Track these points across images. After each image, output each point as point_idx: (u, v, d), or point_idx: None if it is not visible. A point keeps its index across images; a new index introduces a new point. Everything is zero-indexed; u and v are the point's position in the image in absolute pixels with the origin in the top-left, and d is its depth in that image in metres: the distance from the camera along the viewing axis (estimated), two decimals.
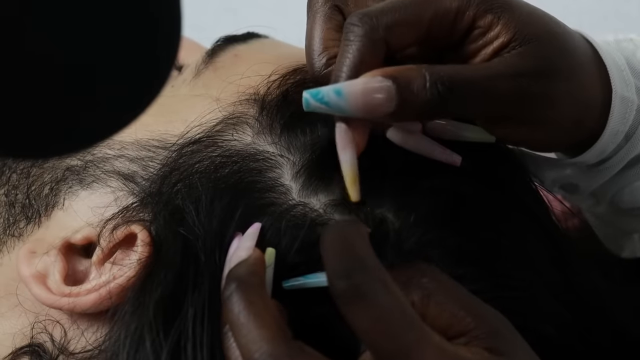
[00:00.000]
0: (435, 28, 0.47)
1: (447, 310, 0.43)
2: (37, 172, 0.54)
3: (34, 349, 0.50)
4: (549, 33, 0.48)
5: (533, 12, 0.49)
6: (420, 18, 0.46)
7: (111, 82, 0.34)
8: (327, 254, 0.41)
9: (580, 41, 0.51)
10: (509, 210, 0.51)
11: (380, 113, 0.44)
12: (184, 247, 0.47)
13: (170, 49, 0.35)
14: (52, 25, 0.32)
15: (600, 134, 0.51)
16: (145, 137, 0.52)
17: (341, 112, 0.45)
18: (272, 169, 0.49)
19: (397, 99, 0.44)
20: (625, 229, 0.59)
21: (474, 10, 0.47)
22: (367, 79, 0.44)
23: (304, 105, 0.45)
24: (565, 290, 0.51)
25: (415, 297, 0.43)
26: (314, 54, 0.49)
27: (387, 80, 0.44)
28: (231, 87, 0.53)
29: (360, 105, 0.44)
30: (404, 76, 0.45)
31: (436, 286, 0.44)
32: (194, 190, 0.49)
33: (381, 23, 0.46)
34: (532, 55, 0.47)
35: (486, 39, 0.48)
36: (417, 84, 0.44)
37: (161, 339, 0.45)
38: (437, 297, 0.43)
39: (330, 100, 0.44)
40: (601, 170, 0.53)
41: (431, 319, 0.43)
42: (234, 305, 0.42)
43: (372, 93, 0.44)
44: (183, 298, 0.46)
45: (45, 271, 0.50)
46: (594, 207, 0.58)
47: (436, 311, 0.43)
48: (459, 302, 0.43)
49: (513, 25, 0.47)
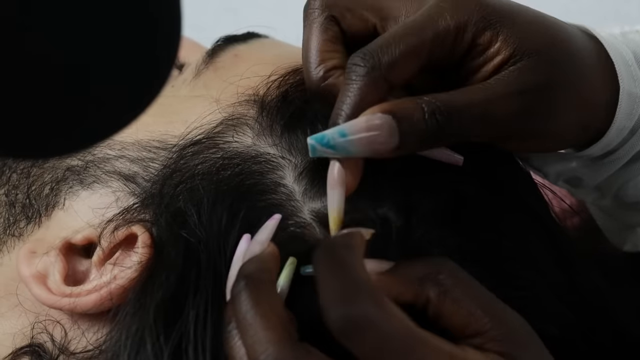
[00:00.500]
0: (436, 52, 0.47)
1: (464, 308, 0.43)
2: (37, 172, 0.54)
3: (34, 349, 0.50)
4: (550, 43, 0.48)
5: (533, 22, 0.48)
6: (421, 47, 0.46)
7: (111, 82, 0.34)
8: (320, 282, 0.41)
9: (584, 42, 0.50)
10: (510, 211, 0.51)
11: (384, 149, 0.45)
12: (186, 250, 0.47)
13: (170, 49, 0.35)
14: (51, 25, 0.32)
15: (605, 130, 0.51)
16: (146, 138, 0.52)
17: (347, 153, 0.45)
18: (273, 171, 0.49)
19: (399, 133, 0.44)
20: (629, 222, 0.59)
21: (472, 29, 0.47)
22: (367, 116, 0.45)
23: (310, 152, 0.45)
24: (569, 290, 0.51)
25: (432, 294, 0.43)
26: (311, 66, 0.49)
27: (386, 117, 0.44)
28: (231, 87, 0.53)
29: (364, 144, 0.44)
30: (402, 110, 0.45)
31: (453, 283, 0.44)
32: (195, 193, 0.49)
33: (383, 62, 0.45)
34: (533, 70, 0.47)
35: (486, 56, 0.47)
36: (416, 117, 0.45)
37: (162, 341, 0.45)
38: (453, 294, 0.43)
39: (337, 143, 0.45)
40: (606, 164, 0.53)
41: (447, 316, 0.43)
42: (241, 304, 0.42)
43: (374, 130, 0.44)
44: (184, 300, 0.46)
45: (45, 271, 0.50)
46: (598, 201, 0.57)
47: (452, 309, 0.43)
48: (476, 301, 0.43)
49: (512, 41, 0.47)
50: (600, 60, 0.50)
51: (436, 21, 0.47)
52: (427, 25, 0.47)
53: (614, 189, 0.55)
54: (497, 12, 0.47)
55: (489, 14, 0.47)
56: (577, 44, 0.49)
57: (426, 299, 0.43)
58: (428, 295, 0.43)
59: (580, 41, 0.50)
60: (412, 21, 0.47)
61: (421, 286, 0.43)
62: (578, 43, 0.50)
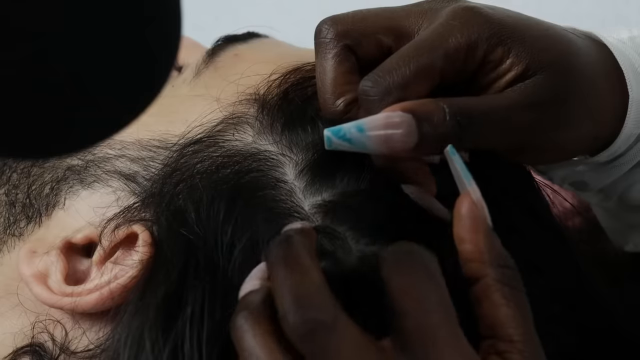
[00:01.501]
0: (447, 70, 0.47)
1: (510, 308, 0.42)
2: (37, 171, 0.54)
3: (35, 348, 0.50)
4: (561, 57, 0.48)
5: (542, 36, 0.48)
6: (432, 66, 0.46)
7: (111, 82, 0.34)
8: (277, 284, 0.41)
9: (592, 53, 0.50)
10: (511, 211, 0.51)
11: (401, 148, 0.45)
12: (186, 248, 0.47)
13: (170, 49, 0.35)
14: (51, 25, 0.32)
15: (612, 137, 0.51)
16: (146, 137, 0.52)
17: (363, 148, 0.45)
18: (274, 168, 0.49)
19: (418, 132, 0.44)
20: (633, 223, 0.59)
21: (484, 45, 0.47)
22: (387, 114, 0.45)
23: (326, 144, 0.45)
24: (570, 290, 0.51)
25: (491, 275, 0.42)
26: (330, 99, 0.48)
27: (406, 115, 0.44)
28: (231, 86, 0.53)
29: (382, 141, 0.44)
30: (423, 110, 0.45)
31: (513, 282, 0.43)
32: (195, 191, 0.49)
33: (395, 84, 0.45)
34: (547, 84, 0.47)
35: (498, 72, 0.47)
36: (437, 118, 0.45)
37: (160, 340, 0.45)
38: (505, 289, 0.42)
39: (353, 137, 0.45)
40: (612, 168, 0.54)
41: (490, 305, 0.42)
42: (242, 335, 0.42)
43: (392, 128, 0.44)
44: (183, 298, 0.46)
45: (46, 271, 0.50)
46: (602, 202, 0.58)
47: (500, 302, 0.42)
48: (521, 309, 0.42)
49: (524, 56, 0.47)
50: (609, 69, 0.51)
51: (447, 39, 0.46)
52: (437, 44, 0.46)
53: (619, 192, 0.56)
54: (506, 28, 0.47)
55: (499, 30, 0.47)
56: (586, 55, 0.50)
57: (484, 275, 0.42)
58: (487, 274, 0.42)
59: (588, 52, 0.50)
60: (421, 40, 0.47)
61: (491, 262, 0.42)
62: (586, 54, 0.50)
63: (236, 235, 0.47)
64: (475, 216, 0.43)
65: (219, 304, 0.45)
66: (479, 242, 0.43)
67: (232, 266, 0.46)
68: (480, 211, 0.43)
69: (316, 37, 0.50)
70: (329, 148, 0.46)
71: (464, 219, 0.43)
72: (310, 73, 0.52)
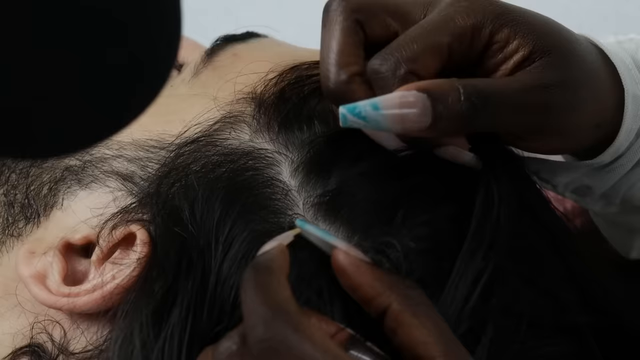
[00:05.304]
0: (455, 49, 0.47)
1: (425, 327, 0.43)
2: (36, 172, 0.54)
3: (34, 349, 0.50)
4: (564, 42, 0.48)
5: (546, 23, 0.49)
6: (439, 44, 0.46)
7: (111, 82, 0.34)
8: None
9: (588, 46, 0.51)
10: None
11: (416, 127, 0.45)
12: (180, 247, 0.47)
13: (170, 49, 0.35)
14: (50, 25, 0.32)
15: (612, 134, 0.51)
16: (144, 138, 0.52)
17: (378, 127, 0.45)
18: (270, 166, 0.49)
19: (432, 112, 0.44)
20: (636, 226, 0.59)
21: (490, 26, 0.47)
22: (402, 92, 0.45)
23: (341, 121, 0.45)
24: (570, 290, 0.51)
25: (396, 301, 0.43)
26: (331, 67, 0.48)
27: (421, 95, 0.44)
28: (229, 85, 0.53)
29: (396, 120, 0.44)
30: (438, 90, 0.45)
31: (420, 300, 0.44)
32: (191, 190, 0.49)
33: (404, 58, 0.46)
34: (555, 66, 0.47)
35: (505, 54, 0.48)
36: (452, 98, 0.45)
37: (151, 339, 0.45)
38: (418, 308, 0.43)
39: (368, 114, 0.45)
40: (614, 169, 0.54)
41: (405, 328, 0.43)
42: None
43: (407, 107, 0.44)
44: (174, 300, 0.46)
45: (44, 271, 0.50)
46: (605, 209, 0.58)
47: (412, 322, 0.43)
48: (436, 325, 0.43)
49: (531, 38, 0.47)
50: (604, 65, 0.51)
51: (453, 19, 0.47)
52: (443, 23, 0.47)
53: (622, 193, 0.56)
54: (511, 12, 0.48)
55: (505, 12, 0.48)
56: (584, 47, 0.50)
57: (388, 304, 0.43)
58: (391, 301, 0.43)
59: (584, 45, 0.51)
60: (427, 22, 0.47)
61: (389, 290, 0.43)
62: (584, 46, 0.50)
63: (231, 234, 0.47)
64: (353, 262, 0.44)
65: (207, 304, 0.45)
66: (370, 280, 0.44)
67: (227, 265, 0.46)
68: (355, 254, 0.44)
69: (325, 10, 0.49)
70: (344, 125, 0.45)
71: (347, 270, 0.44)
72: (307, 72, 0.53)
